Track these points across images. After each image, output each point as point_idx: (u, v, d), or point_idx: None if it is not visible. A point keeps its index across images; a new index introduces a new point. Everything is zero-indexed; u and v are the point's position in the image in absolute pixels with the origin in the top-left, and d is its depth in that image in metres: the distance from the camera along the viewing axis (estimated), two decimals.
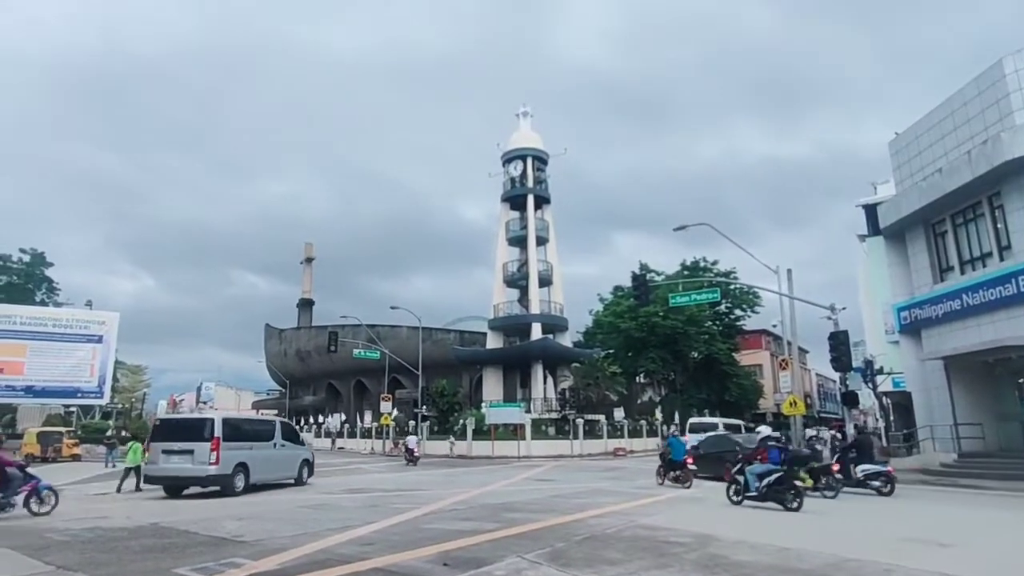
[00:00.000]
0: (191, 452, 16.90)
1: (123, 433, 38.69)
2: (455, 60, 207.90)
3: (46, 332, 45.51)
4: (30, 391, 45.07)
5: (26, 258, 59.79)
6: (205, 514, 12.88)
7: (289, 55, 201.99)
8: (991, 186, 20.16)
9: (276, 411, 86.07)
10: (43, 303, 56.87)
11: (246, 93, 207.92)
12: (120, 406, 59.97)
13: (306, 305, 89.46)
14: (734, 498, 13.98)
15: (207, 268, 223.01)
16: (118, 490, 18.20)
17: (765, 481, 13.34)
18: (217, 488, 17.03)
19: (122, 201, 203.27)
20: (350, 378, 70.35)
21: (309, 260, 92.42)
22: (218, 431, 17.04)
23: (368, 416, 55.71)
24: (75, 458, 36.20)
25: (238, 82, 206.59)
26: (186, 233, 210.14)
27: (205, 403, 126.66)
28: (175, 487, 17.41)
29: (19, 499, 12.94)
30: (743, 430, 36.02)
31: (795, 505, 12.91)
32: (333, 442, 56.31)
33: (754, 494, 13.44)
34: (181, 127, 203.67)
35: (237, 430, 18.39)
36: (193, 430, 17.63)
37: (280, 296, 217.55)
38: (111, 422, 47.74)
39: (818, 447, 21.81)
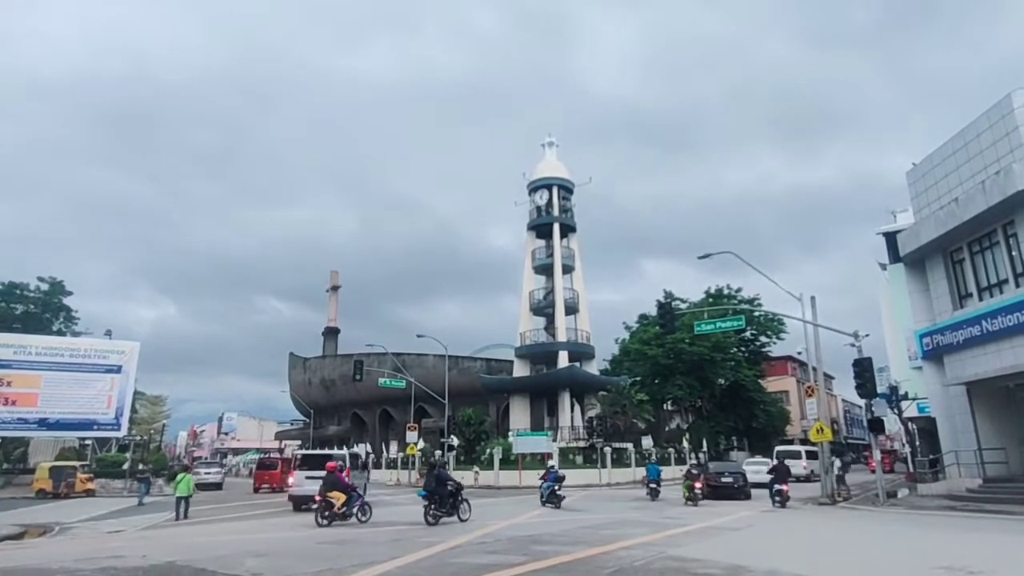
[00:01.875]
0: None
1: (140, 466, 38.42)
2: (482, 87, 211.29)
3: (62, 363, 44.38)
4: (44, 423, 43.69)
5: (44, 287, 58.51)
6: (224, 551, 12.79)
7: (316, 81, 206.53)
8: (1005, 215, 20.66)
9: (300, 441, 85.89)
10: (60, 333, 55.69)
11: (273, 119, 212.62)
12: (138, 438, 59.15)
13: (331, 333, 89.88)
14: None
15: (231, 294, 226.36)
16: (177, 518, 20.91)
17: None
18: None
19: (146, 227, 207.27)
20: (375, 407, 70.50)
21: (335, 288, 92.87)
22: (347, 462, 23.74)
23: (394, 446, 55.94)
24: (89, 493, 35.39)
25: (265, 108, 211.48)
26: (210, 259, 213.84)
27: (227, 434, 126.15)
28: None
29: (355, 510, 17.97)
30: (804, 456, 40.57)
31: None
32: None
33: None
34: (207, 153, 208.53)
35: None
36: (333, 460, 22.77)
37: (305, 322, 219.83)
38: (128, 455, 46.98)
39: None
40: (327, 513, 17.75)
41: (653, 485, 26.82)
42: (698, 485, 24.28)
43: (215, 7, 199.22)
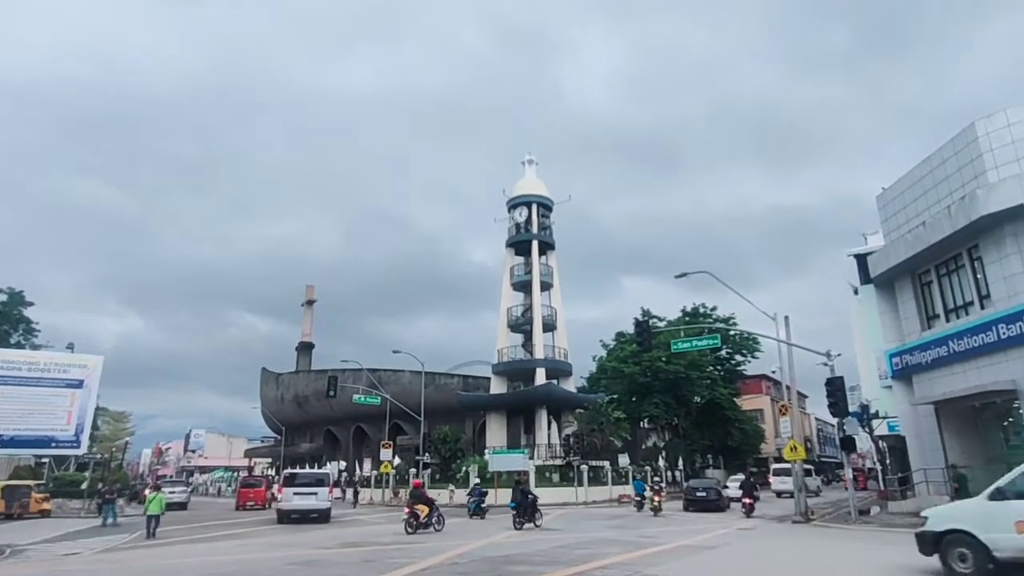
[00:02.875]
0: (315, 493, 26.94)
1: (100, 486, 36.97)
2: (466, 102, 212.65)
3: (20, 376, 42.17)
4: None
5: (2, 297, 55.59)
6: (185, 574, 12.63)
7: (298, 92, 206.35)
8: (970, 239, 21.31)
9: (270, 459, 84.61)
10: (19, 345, 52.79)
11: (253, 131, 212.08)
12: (98, 456, 57.00)
13: (306, 349, 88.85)
14: None
15: (203, 308, 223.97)
16: (148, 536, 20.80)
17: None
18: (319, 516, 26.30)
19: (116, 238, 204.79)
20: (349, 424, 69.81)
21: (310, 303, 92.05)
22: (332, 480, 27.12)
23: (368, 464, 55.32)
24: (44, 514, 33.84)
25: (245, 119, 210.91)
26: (183, 271, 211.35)
27: (194, 451, 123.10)
28: (304, 514, 26.32)
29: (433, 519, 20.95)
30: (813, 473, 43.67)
31: None
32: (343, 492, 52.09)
33: None
34: (185, 164, 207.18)
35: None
36: (316, 479, 28.41)
37: (280, 337, 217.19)
38: (88, 473, 45.21)
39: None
40: (414, 522, 20.79)
41: (638, 499, 31.46)
42: (657, 498, 28.91)
43: (195, 16, 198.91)
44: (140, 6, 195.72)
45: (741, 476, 40.47)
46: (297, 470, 39.79)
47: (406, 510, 21.27)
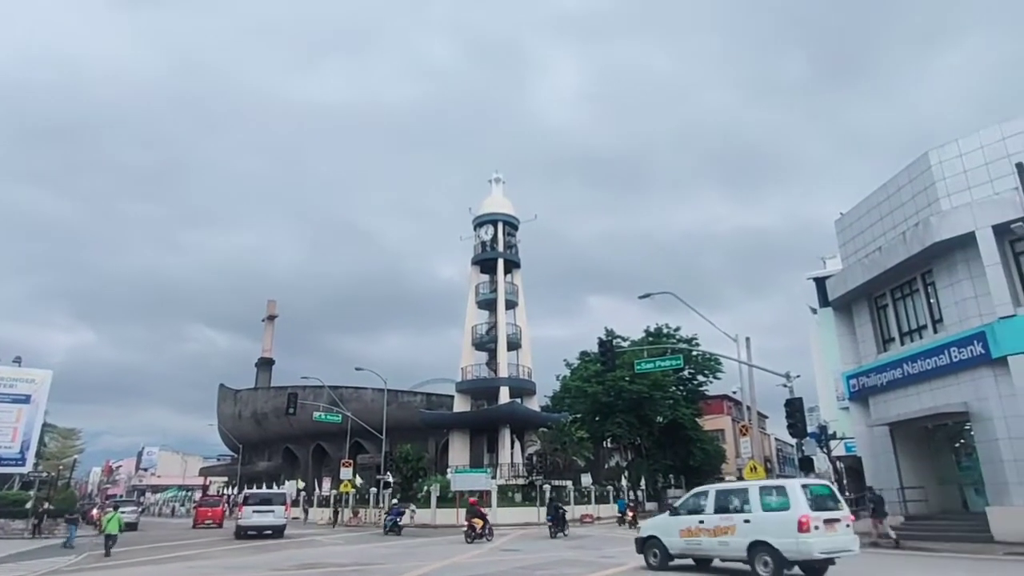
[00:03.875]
0: (272, 511, 30.24)
1: (46, 505, 35.85)
2: (434, 117, 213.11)
3: None
4: None
5: None
6: None
7: (262, 103, 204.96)
8: (924, 264, 22.01)
9: (227, 478, 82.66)
10: None
11: (214, 141, 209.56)
12: (45, 474, 55.02)
13: (265, 365, 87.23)
14: None
15: (159, 322, 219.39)
16: (105, 555, 20.96)
17: None
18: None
19: (67, 248, 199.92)
20: (309, 442, 68.67)
21: (271, 318, 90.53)
22: (289, 500, 31.59)
23: (327, 483, 54.54)
24: None
25: (206, 129, 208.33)
26: (138, 284, 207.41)
27: (146, 470, 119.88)
28: (261, 530, 29.29)
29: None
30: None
31: None
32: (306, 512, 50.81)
33: None
34: (142, 173, 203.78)
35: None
36: (273, 498, 32.57)
37: (241, 352, 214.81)
38: (33, 492, 43.85)
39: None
40: (472, 533, 24.87)
41: (620, 515, 36.29)
42: (631, 514, 33.83)
43: (156, 23, 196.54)
44: (99, 11, 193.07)
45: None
46: (256, 490, 41.27)
47: (466, 523, 25.60)
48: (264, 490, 41.65)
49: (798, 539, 12.29)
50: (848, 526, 13.38)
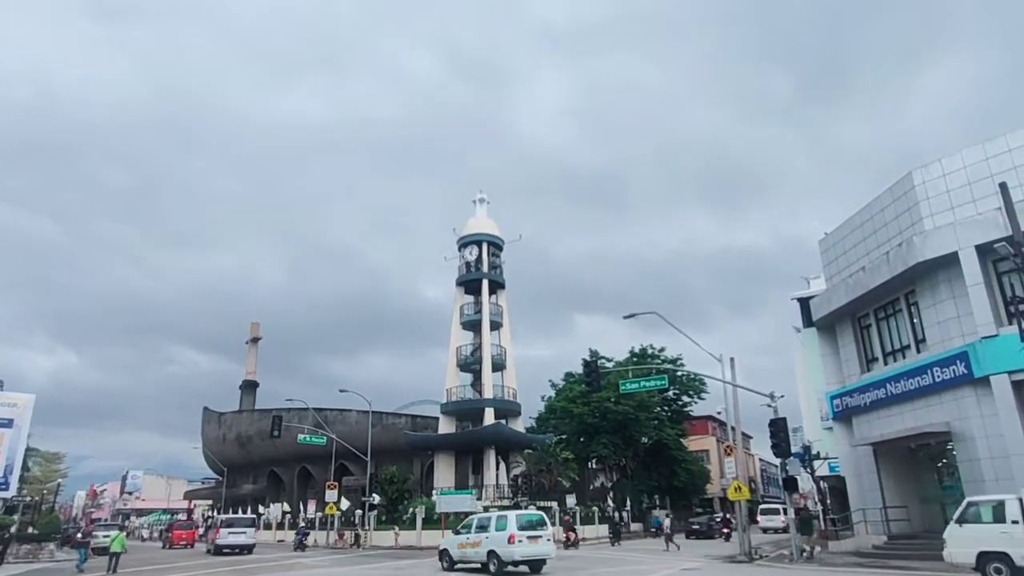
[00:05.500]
0: (244, 532, 36.57)
1: (31, 529, 35.39)
2: (417, 135, 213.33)
3: None
4: None
5: None
6: None
7: (241, 122, 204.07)
8: (907, 284, 22.26)
9: (211, 501, 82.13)
10: None
11: (191, 161, 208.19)
12: (29, 498, 54.33)
13: (249, 387, 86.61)
14: None
15: (142, 344, 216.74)
16: (109, 571, 23.41)
17: None
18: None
19: (46, 269, 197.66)
20: (294, 465, 67.94)
21: (255, 340, 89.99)
22: (258, 522, 37.05)
23: (312, 505, 54.14)
24: None
25: (186, 151, 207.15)
26: (120, 306, 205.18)
27: (131, 493, 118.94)
28: (237, 549, 35.05)
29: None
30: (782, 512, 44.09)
31: None
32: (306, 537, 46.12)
33: None
34: (120, 193, 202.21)
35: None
36: (247, 521, 39.33)
37: (224, 375, 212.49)
38: (16, 516, 43.40)
39: None
40: (566, 542, 32.27)
41: (655, 530, 41.12)
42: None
43: (131, 40, 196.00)
44: (74, 29, 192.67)
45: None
46: (231, 515, 45.57)
47: (564, 534, 33.69)
48: (238, 515, 45.97)
49: (509, 548, 19.94)
50: (549, 540, 20.80)
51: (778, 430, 24.86)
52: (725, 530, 37.52)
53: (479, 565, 21.17)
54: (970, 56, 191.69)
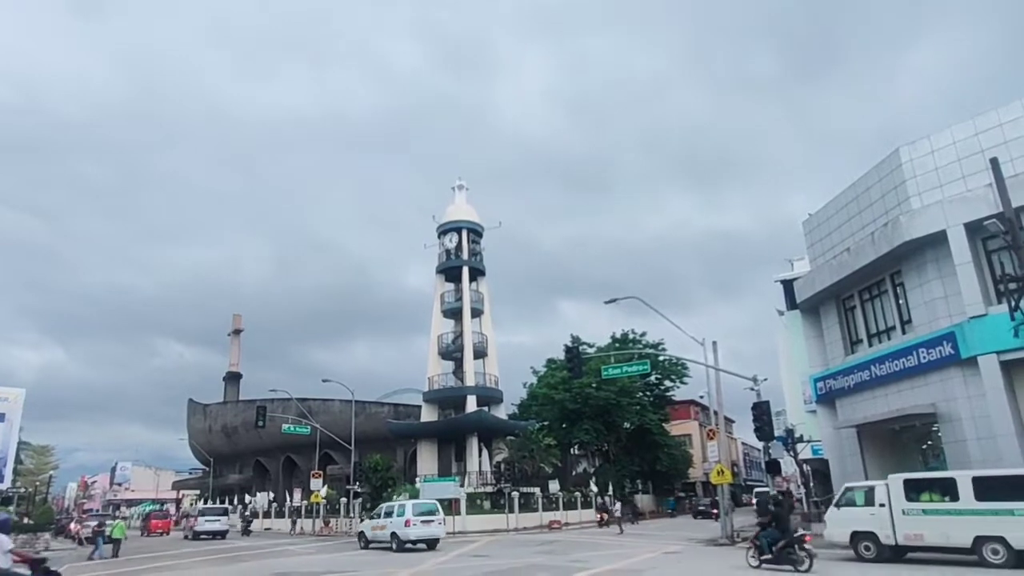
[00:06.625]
0: (218, 520, 40.60)
1: (26, 520, 35.94)
2: (399, 123, 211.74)
3: None
4: None
5: None
6: None
7: (221, 116, 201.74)
8: (893, 265, 21.92)
9: (199, 491, 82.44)
10: None
11: (176, 156, 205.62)
12: (22, 490, 55.08)
13: (233, 379, 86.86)
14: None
15: (128, 338, 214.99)
16: (115, 556, 26.65)
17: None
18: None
19: (32, 265, 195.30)
20: (279, 455, 68.11)
21: (237, 332, 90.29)
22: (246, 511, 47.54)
23: (298, 494, 53.97)
24: None
25: (168, 145, 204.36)
26: (105, 301, 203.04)
27: (120, 484, 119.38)
28: (211, 534, 38.76)
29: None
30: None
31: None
32: (294, 523, 48.23)
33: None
34: (103, 189, 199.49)
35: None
36: (219, 510, 42.41)
37: (208, 367, 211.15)
38: (12, 508, 44.01)
39: None
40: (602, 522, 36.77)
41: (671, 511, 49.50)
42: (601, 516, 39.10)
43: (107, 33, 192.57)
44: (51, 23, 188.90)
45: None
46: (206, 506, 51.27)
47: (598, 515, 38.91)
48: (211, 506, 50.58)
49: (405, 530, 25.42)
50: (440, 524, 26.52)
51: (761, 413, 24.76)
52: (714, 511, 37.26)
53: (386, 543, 26.21)
54: (961, 30, 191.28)
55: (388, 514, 26.89)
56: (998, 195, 15.57)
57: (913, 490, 16.37)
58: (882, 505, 16.57)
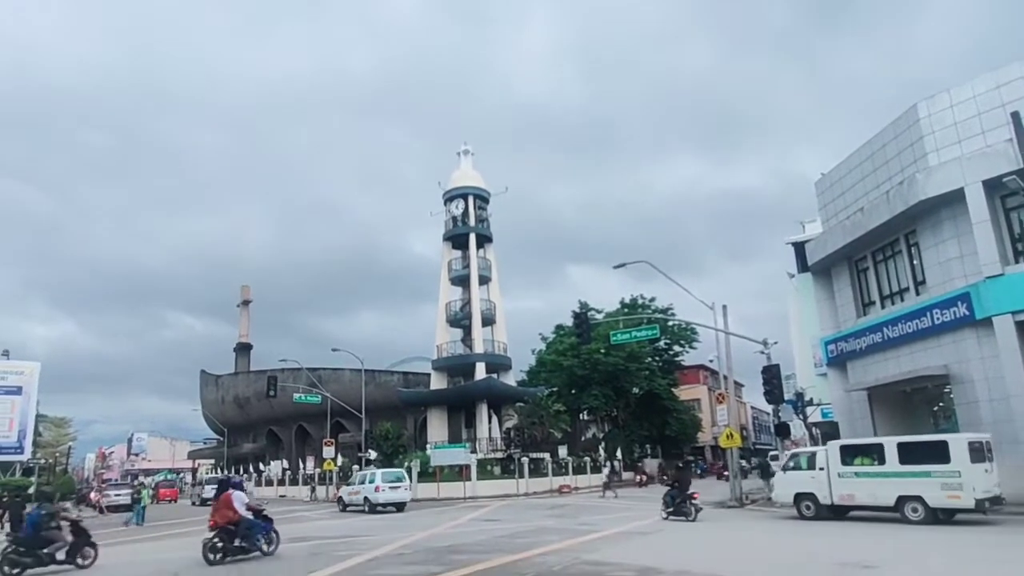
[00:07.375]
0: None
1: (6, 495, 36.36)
2: (400, 84, 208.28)
3: None
4: None
5: None
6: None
7: (219, 81, 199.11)
8: (907, 225, 21.45)
9: (214, 460, 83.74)
10: None
11: (178, 123, 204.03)
12: (43, 461, 56.37)
13: (244, 350, 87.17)
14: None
15: (137, 309, 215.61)
16: (140, 522, 28.18)
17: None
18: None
19: (38, 237, 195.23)
20: (291, 424, 68.76)
21: (246, 303, 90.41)
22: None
23: (311, 462, 54.56)
24: None
25: (169, 112, 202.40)
26: (113, 272, 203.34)
27: (137, 455, 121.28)
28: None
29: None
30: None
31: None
32: (313, 490, 49.31)
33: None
34: (109, 159, 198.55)
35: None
36: (226, 483, 37.95)
37: (219, 337, 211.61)
38: (34, 478, 44.90)
39: None
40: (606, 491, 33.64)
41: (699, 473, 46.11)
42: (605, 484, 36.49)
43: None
44: None
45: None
46: (212, 475, 54.19)
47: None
48: (216, 475, 52.89)
49: (375, 495, 29.16)
50: (407, 490, 30.54)
51: (771, 377, 24.68)
52: (725, 472, 37.05)
53: (360, 506, 29.97)
54: None
55: (362, 482, 30.98)
56: (1018, 150, 15.14)
57: (848, 455, 17.70)
58: (821, 469, 18.02)
